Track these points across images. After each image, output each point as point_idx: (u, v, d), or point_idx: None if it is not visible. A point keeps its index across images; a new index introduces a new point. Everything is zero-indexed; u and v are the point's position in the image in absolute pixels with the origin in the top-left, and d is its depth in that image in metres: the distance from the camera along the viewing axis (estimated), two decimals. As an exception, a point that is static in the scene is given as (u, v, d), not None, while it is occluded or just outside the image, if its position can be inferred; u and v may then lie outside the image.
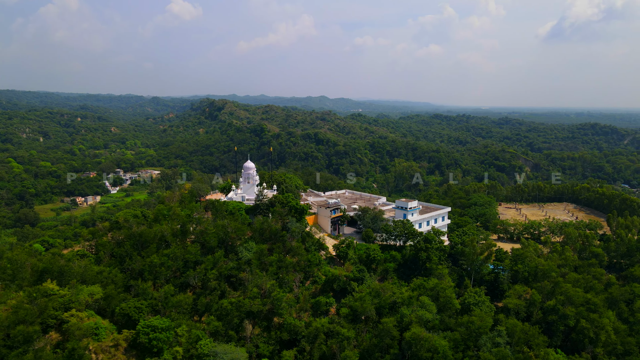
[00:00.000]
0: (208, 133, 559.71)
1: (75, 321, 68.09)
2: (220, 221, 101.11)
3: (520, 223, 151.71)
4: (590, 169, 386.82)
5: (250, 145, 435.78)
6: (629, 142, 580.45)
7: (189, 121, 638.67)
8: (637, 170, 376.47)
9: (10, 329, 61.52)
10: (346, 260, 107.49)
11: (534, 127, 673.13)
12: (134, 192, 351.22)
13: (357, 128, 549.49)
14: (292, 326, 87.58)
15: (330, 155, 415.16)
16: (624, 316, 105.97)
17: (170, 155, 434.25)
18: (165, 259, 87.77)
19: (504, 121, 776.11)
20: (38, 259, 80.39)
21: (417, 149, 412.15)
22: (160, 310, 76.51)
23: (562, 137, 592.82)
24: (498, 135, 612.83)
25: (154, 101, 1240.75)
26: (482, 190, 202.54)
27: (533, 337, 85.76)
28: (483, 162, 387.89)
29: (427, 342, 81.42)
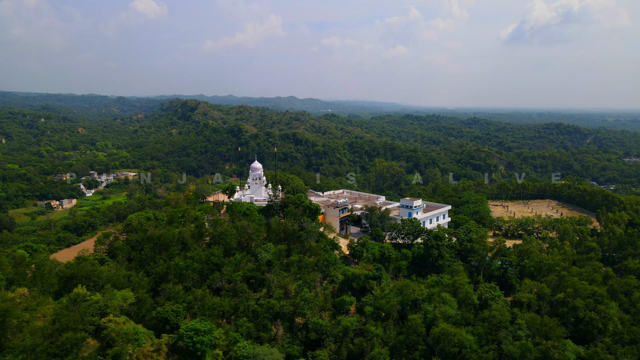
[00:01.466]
0: (182, 134, 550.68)
1: (114, 326, 66.49)
2: (238, 222, 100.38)
3: (514, 220, 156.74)
4: (560, 167, 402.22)
5: (228, 146, 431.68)
6: (591, 141, 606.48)
7: (160, 122, 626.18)
8: (603, 167, 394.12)
9: (54, 337, 59.50)
10: (361, 259, 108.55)
11: (502, 126, 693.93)
12: (110, 194, 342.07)
13: (333, 128, 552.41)
14: (318, 325, 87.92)
15: (309, 155, 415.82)
16: (624, 307, 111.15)
17: (146, 157, 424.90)
18: (190, 261, 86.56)
19: (472, 121, 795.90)
20: (66, 264, 77.70)
21: (395, 149, 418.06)
22: (196, 313, 75.46)
23: (530, 136, 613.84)
24: (469, 134, 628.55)
25: (119, 101, 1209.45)
26: (471, 189, 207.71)
27: (552, 330, 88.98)
28: (459, 161, 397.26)
29: (455, 337, 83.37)
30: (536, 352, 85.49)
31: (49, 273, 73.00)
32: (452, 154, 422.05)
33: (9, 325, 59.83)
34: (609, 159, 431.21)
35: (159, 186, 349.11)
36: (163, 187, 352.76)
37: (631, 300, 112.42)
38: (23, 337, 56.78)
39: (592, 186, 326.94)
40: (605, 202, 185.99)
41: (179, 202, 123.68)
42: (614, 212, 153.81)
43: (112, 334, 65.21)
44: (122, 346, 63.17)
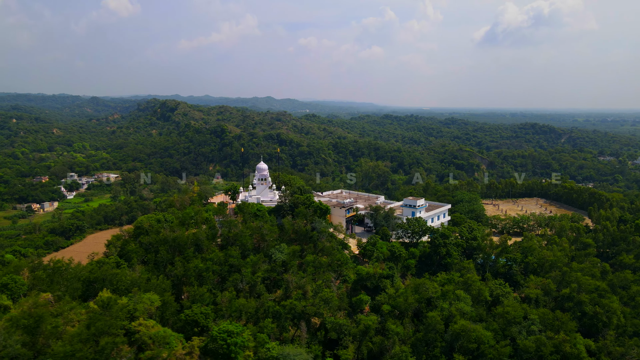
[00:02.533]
0: (162, 135, 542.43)
1: (144, 330, 65.61)
2: (252, 223, 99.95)
3: (510, 218, 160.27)
4: (540, 166, 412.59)
5: (212, 147, 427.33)
6: (565, 140, 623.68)
7: (139, 122, 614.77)
8: (580, 166, 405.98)
9: (90, 342, 58.33)
10: (371, 258, 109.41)
11: (479, 127, 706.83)
12: (93, 196, 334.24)
13: (315, 128, 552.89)
14: (337, 325, 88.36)
15: (294, 155, 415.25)
16: (623, 300, 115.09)
17: (127, 158, 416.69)
18: (209, 263, 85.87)
19: (450, 121, 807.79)
20: (88, 269, 76.00)
21: (379, 149, 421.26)
22: (224, 315, 74.90)
23: (507, 136, 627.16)
24: (449, 135, 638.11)
25: (93, 101, 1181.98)
26: (463, 188, 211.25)
27: (565, 324, 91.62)
28: (443, 161, 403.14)
29: (474, 333, 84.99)
30: (550, 346, 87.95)
31: (73, 277, 71.21)
32: (435, 153, 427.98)
33: (43, 331, 58.42)
34: (585, 157, 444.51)
35: (143, 187, 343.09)
36: (147, 189, 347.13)
37: (629, 294, 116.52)
38: (63, 343, 55.48)
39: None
40: (593, 199, 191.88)
41: (184, 203, 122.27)
42: (605, 209, 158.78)
43: (144, 337, 64.37)
44: (159, 350, 62.38)
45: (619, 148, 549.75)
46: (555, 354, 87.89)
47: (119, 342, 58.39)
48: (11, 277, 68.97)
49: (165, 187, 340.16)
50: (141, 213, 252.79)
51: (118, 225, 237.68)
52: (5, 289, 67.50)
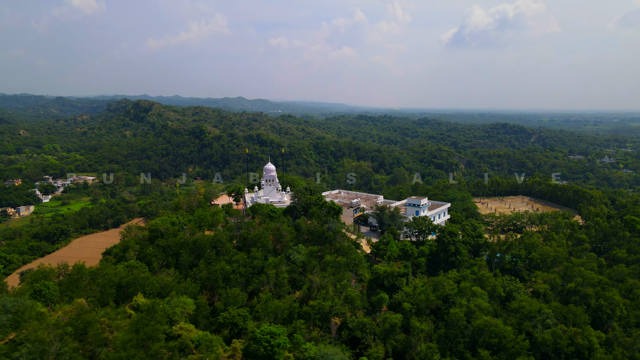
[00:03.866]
0: (137, 136, 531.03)
1: (186, 334, 64.83)
2: (271, 224, 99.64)
3: (505, 215, 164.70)
4: (515, 165, 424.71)
5: (191, 148, 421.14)
6: (535, 139, 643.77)
7: (111, 123, 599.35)
8: (553, 165, 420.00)
9: (139, 347, 57.26)
10: (384, 257, 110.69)
11: (452, 127, 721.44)
12: (70, 200, 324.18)
13: (294, 129, 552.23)
14: (362, 324, 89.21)
15: (275, 156, 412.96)
16: (621, 293, 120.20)
17: (103, 160, 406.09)
18: (235, 265, 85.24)
19: (423, 121, 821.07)
20: (119, 274, 74.11)
21: (359, 149, 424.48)
22: (260, 317, 74.54)
23: (480, 136, 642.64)
24: (424, 135, 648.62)
25: (58, 101, 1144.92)
26: (454, 187, 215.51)
27: (578, 317, 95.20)
28: (422, 161, 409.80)
29: (496, 328, 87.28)
30: (565, 338, 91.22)
31: (107, 282, 69.45)
32: (415, 153, 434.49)
33: (91, 337, 57.00)
34: (557, 156, 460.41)
35: (122, 190, 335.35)
36: (126, 191, 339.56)
37: (626, 286, 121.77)
38: (116, 348, 54.29)
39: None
40: (577, 197, 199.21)
41: (192, 205, 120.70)
42: (595, 205, 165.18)
43: (187, 341, 63.63)
44: (207, 354, 61.75)
45: (585, 147, 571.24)
46: (570, 346, 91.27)
47: (173, 346, 57.49)
48: (44, 283, 66.76)
49: (146, 189, 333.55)
50: (127, 216, 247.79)
51: (104, 228, 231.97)
52: (39, 296, 65.32)
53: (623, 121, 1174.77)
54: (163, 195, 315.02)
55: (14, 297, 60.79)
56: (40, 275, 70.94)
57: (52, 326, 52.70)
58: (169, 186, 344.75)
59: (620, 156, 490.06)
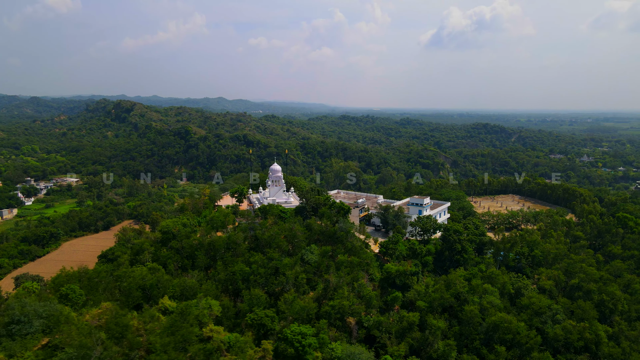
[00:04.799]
0: (119, 137, 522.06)
1: (217, 336, 64.40)
2: (283, 225, 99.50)
3: (501, 214, 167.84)
4: (499, 164, 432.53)
5: (176, 149, 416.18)
6: (515, 139, 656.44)
7: (92, 124, 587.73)
8: (535, 164, 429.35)
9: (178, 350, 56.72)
10: (393, 256, 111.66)
11: (435, 127, 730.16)
12: (54, 202, 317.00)
13: (279, 129, 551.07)
14: (378, 323, 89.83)
15: (262, 157, 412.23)
16: (620, 288, 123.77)
17: (86, 161, 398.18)
18: (255, 266, 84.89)
19: (405, 122, 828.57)
20: (142, 276, 72.94)
21: (346, 149, 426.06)
22: (287, 317, 74.42)
23: (462, 135, 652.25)
24: (407, 135, 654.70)
25: (33, 101, 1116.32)
26: (447, 186, 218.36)
27: (587, 312, 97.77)
28: (409, 160, 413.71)
29: (511, 324, 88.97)
30: (576, 333, 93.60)
31: (132, 285, 68.40)
32: (401, 153, 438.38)
33: (128, 340, 56.22)
34: (538, 155, 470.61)
35: (108, 191, 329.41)
36: (112, 192, 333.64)
37: (624, 281, 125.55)
38: (157, 352, 53.68)
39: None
40: (566, 195, 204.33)
41: (198, 206, 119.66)
42: (588, 203, 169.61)
43: (219, 344, 63.21)
44: (241, 355, 61.51)
45: (564, 146, 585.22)
46: (579, 341, 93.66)
47: (211, 348, 57.10)
48: (70, 287, 65.41)
49: (133, 190, 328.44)
50: (117, 218, 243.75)
51: (94, 231, 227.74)
52: (65, 300, 64.02)
53: (596, 121, 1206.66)
54: (151, 196, 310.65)
55: (43, 302, 59.46)
56: (64, 278, 69.46)
57: (93, 330, 51.75)
58: (157, 187, 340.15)
59: (599, 155, 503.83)
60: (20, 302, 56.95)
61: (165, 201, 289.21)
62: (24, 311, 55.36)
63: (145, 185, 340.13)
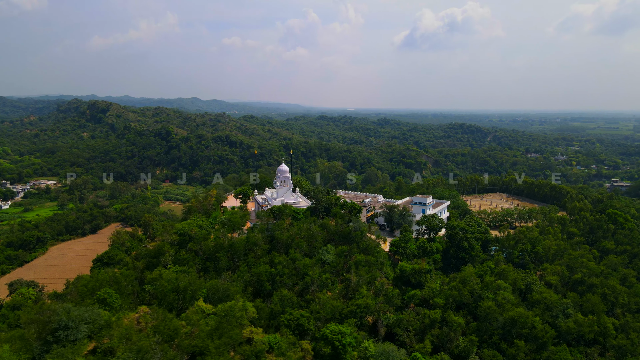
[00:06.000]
0: (95, 138, 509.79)
1: (257, 337, 64.28)
2: (301, 225, 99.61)
3: (496, 212, 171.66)
4: (478, 163, 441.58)
5: (157, 150, 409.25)
6: (491, 139, 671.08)
7: (65, 124, 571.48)
8: (514, 163, 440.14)
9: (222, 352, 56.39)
10: (404, 255, 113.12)
11: (413, 127, 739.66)
12: (32, 205, 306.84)
13: (260, 130, 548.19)
14: (400, 321, 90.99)
15: (245, 157, 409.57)
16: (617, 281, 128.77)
17: (64, 163, 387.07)
18: (280, 267, 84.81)
19: (383, 122, 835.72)
20: (175, 279, 71.86)
21: (330, 150, 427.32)
22: (320, 317, 74.63)
23: (440, 135, 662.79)
24: (386, 135, 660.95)
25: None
26: (439, 185, 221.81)
27: (596, 305, 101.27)
28: (392, 160, 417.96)
29: (528, 319, 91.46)
30: (587, 326, 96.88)
31: (168, 289, 67.38)
32: (383, 153, 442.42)
33: (178, 343, 55.60)
34: (515, 155, 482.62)
35: (90, 193, 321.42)
36: (93, 195, 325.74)
37: (619, 276, 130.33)
38: (212, 354, 53.26)
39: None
40: (553, 192, 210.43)
41: (208, 208, 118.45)
42: (580, 200, 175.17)
43: (263, 345, 63.11)
44: (286, 356, 61.52)
45: (538, 145, 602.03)
46: (590, 334, 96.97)
47: (260, 350, 56.93)
48: (106, 291, 64.01)
49: (115, 192, 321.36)
50: (104, 221, 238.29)
51: (81, 235, 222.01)
52: (103, 304, 62.65)
53: (565, 121, 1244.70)
54: (136, 198, 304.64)
55: (84, 307, 58.11)
56: (97, 283, 67.94)
57: (150, 333, 50.95)
58: (140, 189, 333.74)
59: (572, 154, 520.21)
60: (65, 308, 55.54)
61: (151, 203, 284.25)
62: (70, 316, 54.00)
63: (128, 187, 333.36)
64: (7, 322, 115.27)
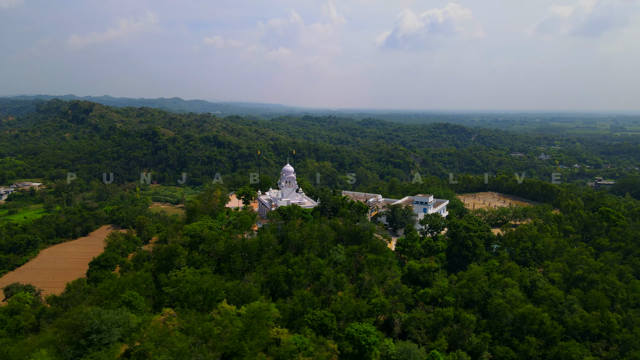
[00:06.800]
0: (78, 139, 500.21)
1: (284, 338, 64.25)
2: (312, 225, 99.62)
3: (493, 210, 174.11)
4: (465, 163, 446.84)
5: (144, 151, 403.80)
6: (475, 138, 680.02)
7: (47, 125, 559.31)
8: (500, 162, 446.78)
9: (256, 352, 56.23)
10: (411, 254, 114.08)
11: (398, 127, 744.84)
12: (17, 208, 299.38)
13: (247, 130, 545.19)
14: (413, 319, 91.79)
15: (234, 158, 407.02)
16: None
17: (48, 165, 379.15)
18: (296, 267, 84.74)
19: (367, 122, 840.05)
20: (206, 280, 71.16)
21: (318, 150, 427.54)
22: (341, 317, 74.78)
23: (425, 135, 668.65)
24: (372, 135, 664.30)
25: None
26: (434, 184, 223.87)
27: (600, 301, 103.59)
28: (380, 160, 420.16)
29: (538, 315, 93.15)
30: (593, 321, 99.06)
31: (195, 291, 66.75)
32: (371, 153, 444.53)
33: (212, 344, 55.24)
34: (500, 154, 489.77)
35: (77, 195, 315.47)
36: (80, 196, 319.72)
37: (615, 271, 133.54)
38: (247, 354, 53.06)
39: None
40: (544, 191, 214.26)
41: (214, 209, 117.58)
42: (572, 198, 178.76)
43: (293, 345, 63.09)
44: (314, 356, 61.60)
45: (521, 145, 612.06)
46: (595, 329, 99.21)
47: (293, 349, 56.90)
48: (131, 294, 63.11)
49: (103, 194, 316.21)
50: (95, 223, 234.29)
51: (72, 237, 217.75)
52: (130, 307, 61.78)
53: (544, 121, 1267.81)
54: (125, 200, 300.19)
55: (113, 310, 57.24)
56: (119, 286, 66.96)
57: (181, 335, 50.51)
58: (128, 191, 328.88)
59: (555, 153, 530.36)
60: (95, 311, 54.64)
61: (141, 205, 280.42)
62: (102, 319, 53.17)
63: (116, 189, 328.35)
64: (5, 327, 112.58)
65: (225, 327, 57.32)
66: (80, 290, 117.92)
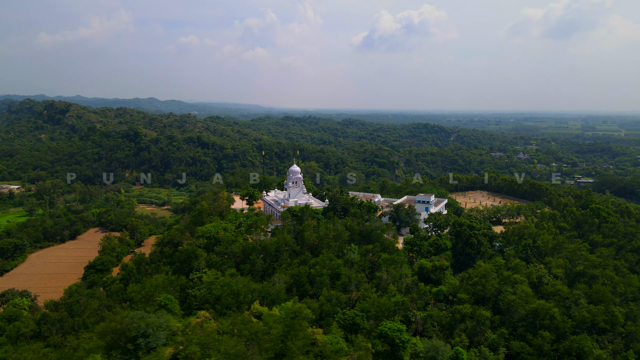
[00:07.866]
0: (55, 139, 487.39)
1: (320, 338, 64.32)
2: (327, 225, 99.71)
3: (488, 209, 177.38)
4: (448, 162, 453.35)
5: (126, 152, 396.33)
6: (454, 138, 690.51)
7: (20, 126, 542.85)
8: (481, 162, 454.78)
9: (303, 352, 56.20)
10: (419, 252, 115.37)
11: (379, 127, 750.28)
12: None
13: (229, 131, 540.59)
14: (430, 316, 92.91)
15: (219, 159, 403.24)
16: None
17: (26, 167, 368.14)
18: (318, 267, 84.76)
19: (347, 122, 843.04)
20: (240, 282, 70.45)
21: (303, 150, 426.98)
22: (371, 315, 75.14)
23: (406, 135, 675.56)
24: (353, 135, 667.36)
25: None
26: (427, 184, 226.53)
27: (605, 296, 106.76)
28: (365, 160, 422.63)
29: (550, 310, 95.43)
30: (600, 315, 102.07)
31: (228, 294, 66.07)
32: (356, 153, 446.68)
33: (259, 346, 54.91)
34: (481, 154, 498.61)
35: (58, 198, 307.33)
36: (62, 199, 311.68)
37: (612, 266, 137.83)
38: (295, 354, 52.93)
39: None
40: (533, 189, 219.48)
41: (221, 210, 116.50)
42: (564, 196, 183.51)
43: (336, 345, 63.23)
44: (354, 354, 61.84)
45: (499, 144, 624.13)
46: (601, 322, 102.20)
47: (337, 349, 57.04)
48: (166, 297, 62.09)
49: (86, 196, 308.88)
50: (83, 227, 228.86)
51: (60, 241, 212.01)
52: (165, 310, 60.79)
53: (518, 121, 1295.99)
54: (109, 202, 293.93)
55: (154, 314, 56.30)
56: (151, 289, 65.80)
57: (243, 337, 50.09)
58: (112, 192, 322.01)
59: (533, 153, 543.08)
60: (139, 315, 53.63)
61: (127, 207, 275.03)
62: (148, 323, 52.25)
63: (99, 191, 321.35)
64: (5, 334, 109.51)
65: (270, 328, 56.98)
66: (83, 295, 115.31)
